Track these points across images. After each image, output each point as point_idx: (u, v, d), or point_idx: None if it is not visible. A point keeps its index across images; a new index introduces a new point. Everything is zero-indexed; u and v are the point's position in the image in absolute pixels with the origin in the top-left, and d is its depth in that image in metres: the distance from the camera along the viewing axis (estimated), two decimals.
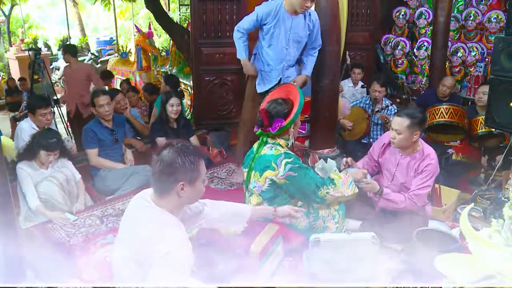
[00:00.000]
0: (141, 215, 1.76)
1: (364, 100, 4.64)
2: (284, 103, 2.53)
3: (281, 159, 2.42)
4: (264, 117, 2.48)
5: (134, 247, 1.69)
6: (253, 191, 2.55)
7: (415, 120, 2.73)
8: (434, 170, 2.79)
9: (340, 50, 3.76)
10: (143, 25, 12.09)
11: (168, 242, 1.63)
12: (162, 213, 1.72)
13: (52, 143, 3.14)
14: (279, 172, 2.42)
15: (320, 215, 2.62)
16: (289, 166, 2.40)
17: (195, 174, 1.74)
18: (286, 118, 2.49)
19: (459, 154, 4.05)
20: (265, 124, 2.48)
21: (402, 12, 6.79)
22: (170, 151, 1.71)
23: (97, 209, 3.32)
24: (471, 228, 1.36)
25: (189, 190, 1.74)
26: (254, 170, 2.51)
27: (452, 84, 4.72)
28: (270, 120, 2.48)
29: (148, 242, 1.64)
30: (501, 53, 2.97)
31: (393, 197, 2.78)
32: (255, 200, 2.54)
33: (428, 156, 2.80)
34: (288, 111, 2.51)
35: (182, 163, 1.69)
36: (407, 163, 2.87)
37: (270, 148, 2.49)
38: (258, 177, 2.49)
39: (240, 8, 4.51)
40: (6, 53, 10.40)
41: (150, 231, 1.67)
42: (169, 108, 3.88)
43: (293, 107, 2.52)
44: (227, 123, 4.90)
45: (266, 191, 2.50)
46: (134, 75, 7.52)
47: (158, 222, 1.70)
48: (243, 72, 3.82)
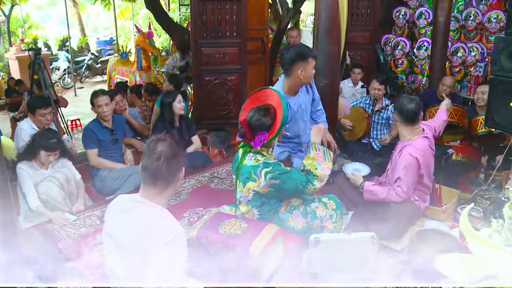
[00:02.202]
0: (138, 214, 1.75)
1: (364, 100, 4.64)
2: (268, 114, 2.39)
3: (260, 170, 2.35)
4: (247, 130, 2.37)
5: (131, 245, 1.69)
6: (240, 200, 2.53)
7: (394, 108, 3.02)
8: (402, 163, 2.82)
9: (340, 50, 3.76)
10: (143, 25, 12.10)
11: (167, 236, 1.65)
12: (157, 208, 1.74)
13: (52, 143, 3.14)
14: (260, 183, 2.37)
15: (318, 215, 2.60)
16: (269, 176, 2.34)
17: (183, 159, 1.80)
18: (269, 131, 2.37)
19: (459, 154, 4.05)
20: (247, 137, 2.38)
21: (402, 12, 6.79)
22: (167, 144, 1.73)
23: (97, 209, 3.32)
24: (471, 228, 1.36)
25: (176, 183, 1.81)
26: (238, 180, 2.48)
27: (452, 83, 4.72)
28: (253, 133, 2.36)
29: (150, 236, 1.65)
30: (501, 53, 2.97)
31: (374, 188, 2.93)
32: (244, 208, 2.53)
33: (406, 146, 2.89)
34: (271, 123, 2.38)
35: (180, 152, 1.77)
36: (396, 150, 3.01)
37: (250, 158, 2.42)
38: (242, 188, 2.46)
39: (240, 8, 4.50)
40: (6, 53, 10.38)
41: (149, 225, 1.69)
42: (178, 105, 3.93)
43: (276, 119, 2.40)
44: (227, 123, 4.90)
45: (252, 200, 2.48)
46: (134, 75, 7.52)
47: (155, 215, 1.72)
48: (243, 72, 3.84)
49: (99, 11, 15.00)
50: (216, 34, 4.55)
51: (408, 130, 2.96)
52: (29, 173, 3.12)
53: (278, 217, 2.56)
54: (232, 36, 4.57)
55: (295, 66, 2.88)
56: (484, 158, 4.00)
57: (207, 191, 3.64)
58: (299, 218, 2.58)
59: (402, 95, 5.65)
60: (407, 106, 2.91)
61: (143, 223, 1.72)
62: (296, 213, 2.60)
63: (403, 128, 2.98)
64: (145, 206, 1.74)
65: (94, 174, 3.69)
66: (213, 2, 4.44)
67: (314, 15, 3.79)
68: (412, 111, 2.91)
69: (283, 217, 2.57)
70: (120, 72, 8.05)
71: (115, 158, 3.78)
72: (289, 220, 2.57)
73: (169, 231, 1.66)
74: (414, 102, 2.94)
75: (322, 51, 3.58)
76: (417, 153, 2.83)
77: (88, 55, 11.70)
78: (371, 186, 2.95)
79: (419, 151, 2.84)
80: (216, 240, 2.33)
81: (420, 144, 2.89)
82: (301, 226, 2.57)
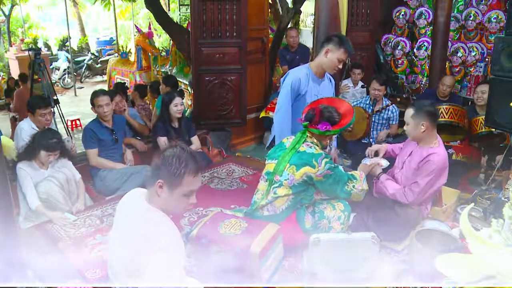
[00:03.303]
0: (134, 212, 1.76)
1: (364, 100, 4.64)
2: (338, 114, 2.70)
3: (321, 158, 2.55)
4: (317, 114, 2.63)
5: (128, 245, 1.69)
6: (283, 183, 2.58)
7: (420, 110, 2.79)
8: (430, 169, 2.76)
9: None
10: (143, 25, 12.09)
11: (161, 239, 1.62)
12: (153, 211, 1.70)
13: (53, 143, 3.14)
14: (318, 170, 2.53)
15: (326, 215, 2.66)
16: (328, 166, 2.55)
17: (176, 181, 1.65)
18: (333, 126, 2.66)
19: (459, 154, 4.05)
20: (315, 120, 2.63)
21: (402, 12, 6.79)
22: (171, 150, 1.71)
23: (97, 209, 3.32)
24: (471, 228, 1.36)
25: (166, 192, 1.67)
26: (289, 163, 2.58)
27: (452, 83, 4.72)
28: (320, 119, 2.63)
29: (142, 240, 1.63)
30: (501, 53, 2.97)
31: (387, 183, 2.91)
32: (283, 192, 2.59)
33: (434, 154, 2.78)
34: (337, 121, 2.68)
35: (168, 164, 1.65)
36: (417, 154, 2.88)
37: (310, 146, 2.61)
38: (294, 171, 2.55)
39: (240, 8, 4.50)
40: (6, 53, 10.38)
41: (142, 228, 1.67)
42: (174, 108, 3.90)
43: (341, 121, 2.70)
44: (227, 123, 4.90)
45: (298, 185, 2.57)
46: (134, 75, 7.51)
47: (150, 219, 1.69)
48: (243, 72, 3.83)
49: (99, 11, 15.00)
50: (216, 34, 4.55)
51: (434, 135, 2.86)
52: (29, 173, 3.12)
53: (302, 208, 2.65)
54: (232, 36, 4.57)
55: (326, 45, 2.97)
56: (484, 158, 4.00)
57: (207, 191, 3.65)
58: (308, 218, 2.64)
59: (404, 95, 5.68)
60: (434, 110, 2.84)
61: (134, 220, 1.73)
62: (306, 213, 2.63)
63: (429, 133, 2.82)
64: (140, 205, 1.74)
65: (94, 174, 3.69)
66: (213, 2, 4.44)
67: (314, 15, 3.79)
68: (437, 115, 2.91)
69: (304, 210, 2.64)
70: (120, 72, 8.04)
71: (115, 158, 3.78)
72: (305, 217, 2.64)
73: (162, 236, 1.64)
74: (430, 102, 2.93)
75: None
76: (445, 163, 2.82)
77: (88, 55, 11.70)
78: (386, 179, 2.94)
79: (446, 160, 2.83)
80: (216, 240, 2.33)
81: (445, 152, 2.85)
82: (309, 226, 2.62)
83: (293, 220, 2.62)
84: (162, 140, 3.89)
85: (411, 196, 2.79)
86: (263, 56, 5.33)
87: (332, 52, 2.93)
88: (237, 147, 5.07)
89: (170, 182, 1.66)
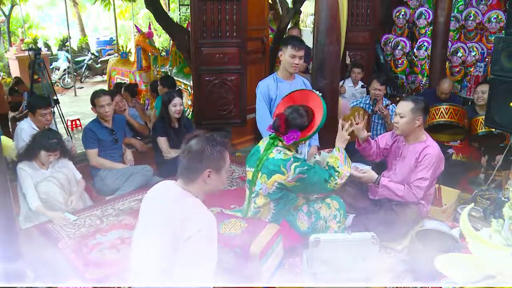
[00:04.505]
0: (172, 197, 1.80)
1: (364, 100, 4.64)
2: (306, 116, 2.51)
3: (290, 163, 2.42)
4: (282, 123, 2.46)
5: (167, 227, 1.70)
6: (259, 192, 2.53)
7: (418, 105, 2.82)
8: (432, 162, 2.77)
9: (340, 50, 3.76)
10: (143, 25, 12.08)
11: (201, 221, 1.69)
12: (191, 196, 1.79)
13: (53, 143, 3.14)
14: (288, 176, 2.42)
15: (322, 216, 2.63)
16: (298, 170, 2.41)
17: (222, 162, 1.82)
18: (302, 131, 2.48)
19: (459, 154, 4.05)
20: (281, 131, 2.47)
21: (402, 12, 6.79)
22: (199, 140, 1.80)
23: (97, 209, 3.32)
24: (471, 228, 1.36)
25: (215, 178, 1.81)
26: (261, 172, 2.50)
27: (449, 89, 4.70)
28: (287, 129, 2.46)
29: (183, 221, 1.67)
30: (501, 53, 2.97)
31: (392, 185, 2.85)
32: (261, 201, 2.53)
33: (428, 147, 2.81)
34: (306, 125, 2.50)
35: (210, 152, 1.78)
36: (409, 152, 2.89)
37: (279, 151, 2.47)
38: (266, 180, 2.48)
39: (240, 8, 4.50)
40: (6, 53, 10.37)
41: (184, 211, 1.72)
42: (172, 108, 3.89)
43: (312, 124, 2.51)
44: (227, 123, 4.90)
45: (273, 193, 2.49)
46: (134, 75, 7.50)
47: (190, 203, 1.76)
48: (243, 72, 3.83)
49: (99, 11, 14.97)
50: (216, 34, 4.54)
51: (423, 130, 2.91)
52: (29, 173, 3.12)
53: (291, 213, 2.60)
54: (232, 36, 4.57)
55: (280, 50, 3.28)
56: (484, 158, 4.00)
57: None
58: (304, 219, 2.61)
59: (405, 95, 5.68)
60: (429, 107, 2.89)
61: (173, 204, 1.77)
62: (301, 215, 2.62)
63: (421, 129, 2.88)
64: (179, 191, 1.80)
65: (94, 174, 3.69)
66: (213, 2, 4.44)
67: (314, 15, 3.79)
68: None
69: (294, 214, 2.60)
70: (120, 72, 8.03)
71: (115, 158, 3.78)
72: (297, 220, 2.60)
73: (196, 223, 1.69)
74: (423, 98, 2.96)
75: (322, 51, 3.58)
76: (440, 152, 2.84)
77: (88, 55, 11.68)
78: (388, 182, 2.88)
79: (439, 149, 2.85)
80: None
81: (435, 143, 2.88)
82: (306, 227, 2.59)
83: (286, 225, 2.58)
84: (162, 140, 3.89)
85: (420, 192, 2.79)
86: (263, 56, 5.32)
87: (284, 52, 3.20)
88: (237, 147, 5.07)
89: (216, 167, 1.80)
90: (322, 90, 3.65)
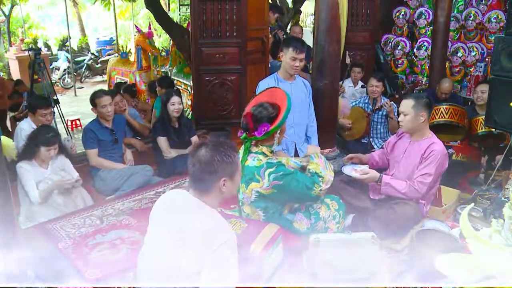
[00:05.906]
0: (189, 208, 1.76)
1: (363, 100, 4.65)
2: (271, 107, 2.44)
3: (263, 170, 2.34)
4: (250, 120, 2.40)
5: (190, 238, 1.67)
6: (243, 201, 2.51)
7: (420, 101, 2.85)
8: (437, 158, 2.79)
9: (340, 50, 3.76)
10: (143, 25, 12.08)
11: (225, 232, 1.69)
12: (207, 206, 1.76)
13: (50, 137, 3.16)
14: (263, 184, 2.35)
15: (321, 217, 2.61)
16: (272, 176, 2.33)
17: (234, 167, 1.79)
18: (272, 123, 2.40)
19: (459, 154, 4.05)
20: (250, 128, 2.39)
21: (402, 12, 6.79)
22: (207, 150, 1.74)
23: (97, 209, 3.32)
24: (471, 228, 1.36)
25: (230, 184, 1.79)
26: (240, 181, 2.42)
27: (449, 89, 4.72)
28: (256, 124, 2.39)
29: (206, 233, 1.66)
30: (501, 53, 2.97)
31: (394, 183, 2.85)
32: (248, 209, 2.51)
33: (434, 143, 2.84)
34: (275, 116, 2.42)
35: (221, 160, 1.73)
36: (414, 149, 2.91)
37: (253, 158, 2.40)
38: (245, 189, 2.43)
39: (240, 8, 4.50)
40: (6, 53, 10.38)
41: (205, 223, 1.71)
42: (171, 107, 3.88)
43: (280, 112, 2.44)
44: (227, 123, 4.89)
45: (255, 202, 2.45)
46: (134, 75, 7.51)
47: (209, 214, 1.74)
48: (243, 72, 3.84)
49: (99, 11, 14.98)
50: (216, 34, 4.55)
51: (427, 127, 2.93)
52: (29, 171, 3.13)
53: (284, 218, 2.55)
54: (232, 36, 4.57)
55: (280, 52, 3.30)
56: (484, 158, 4.00)
57: None
58: (303, 220, 2.58)
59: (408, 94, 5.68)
60: (431, 101, 2.92)
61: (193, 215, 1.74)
62: (299, 215, 2.60)
63: (426, 125, 2.90)
64: (195, 202, 1.76)
65: (94, 174, 3.69)
66: (213, 2, 4.44)
67: (314, 15, 3.79)
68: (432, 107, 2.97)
69: (288, 218, 2.57)
70: (120, 72, 8.04)
71: (115, 158, 3.78)
72: (295, 222, 2.56)
73: (225, 232, 1.69)
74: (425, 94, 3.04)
75: (322, 51, 3.58)
76: (445, 149, 2.86)
77: (88, 55, 11.69)
78: (390, 179, 2.88)
79: (444, 147, 2.87)
80: None
81: (440, 141, 2.90)
82: (305, 228, 2.57)
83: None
84: (162, 140, 3.89)
85: (423, 187, 2.80)
86: (263, 56, 5.31)
87: (285, 54, 3.22)
88: (238, 146, 5.06)
89: (229, 173, 1.77)
90: (322, 90, 3.67)
